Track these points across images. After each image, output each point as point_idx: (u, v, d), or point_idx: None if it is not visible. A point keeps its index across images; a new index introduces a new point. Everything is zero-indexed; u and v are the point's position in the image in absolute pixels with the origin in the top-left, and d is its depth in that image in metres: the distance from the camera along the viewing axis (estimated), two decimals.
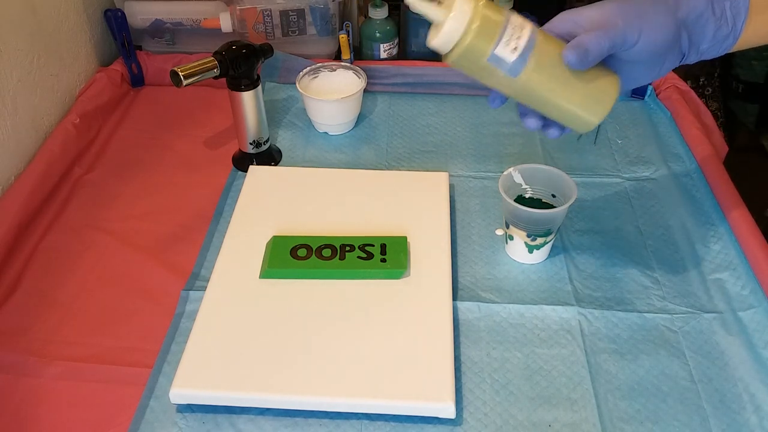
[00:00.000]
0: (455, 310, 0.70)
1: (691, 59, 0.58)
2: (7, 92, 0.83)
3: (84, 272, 0.75)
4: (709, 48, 0.57)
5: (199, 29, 1.06)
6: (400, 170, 0.89)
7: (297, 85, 0.93)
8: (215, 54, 0.79)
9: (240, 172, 0.88)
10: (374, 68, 1.03)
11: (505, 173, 0.73)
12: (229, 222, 0.77)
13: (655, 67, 0.57)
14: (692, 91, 1.01)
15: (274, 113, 0.99)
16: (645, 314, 0.70)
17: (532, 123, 0.60)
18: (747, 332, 0.68)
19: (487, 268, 0.75)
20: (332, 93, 0.94)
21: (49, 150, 0.87)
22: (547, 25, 0.57)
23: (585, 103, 0.57)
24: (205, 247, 0.77)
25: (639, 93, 1.02)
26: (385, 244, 0.72)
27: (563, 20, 0.56)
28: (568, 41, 0.54)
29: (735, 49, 0.58)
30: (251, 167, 0.85)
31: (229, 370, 0.61)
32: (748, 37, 0.57)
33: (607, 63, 0.56)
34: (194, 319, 0.66)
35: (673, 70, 1.01)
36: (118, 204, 0.84)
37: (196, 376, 0.61)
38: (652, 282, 0.73)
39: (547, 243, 0.74)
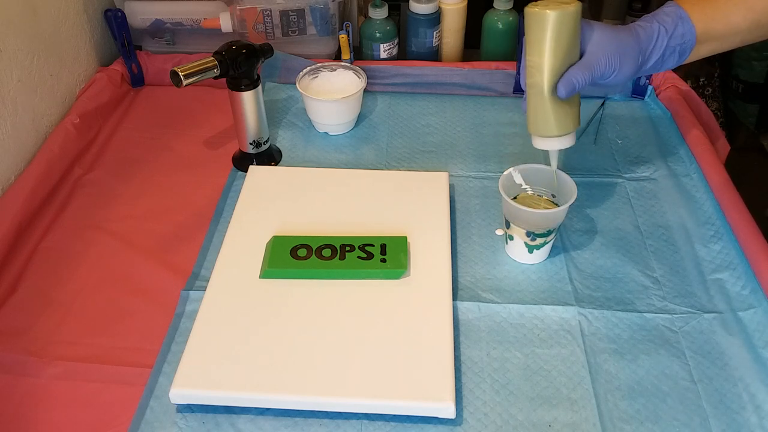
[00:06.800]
0: (455, 310, 0.70)
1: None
2: (7, 92, 0.83)
3: (84, 272, 0.75)
4: (651, 68, 0.69)
5: (199, 29, 1.06)
6: (400, 170, 0.89)
7: (297, 85, 0.93)
8: (215, 54, 0.79)
9: (240, 172, 0.88)
10: (374, 68, 1.03)
11: (505, 173, 0.74)
12: (229, 222, 0.77)
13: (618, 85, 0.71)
14: (692, 91, 1.01)
15: (274, 113, 0.99)
16: (645, 314, 0.70)
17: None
18: (747, 332, 0.68)
19: (487, 268, 0.75)
20: (332, 93, 0.94)
21: (49, 150, 0.87)
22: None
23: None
24: (205, 247, 0.77)
25: (639, 93, 1.02)
26: (385, 244, 0.72)
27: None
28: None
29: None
30: (251, 167, 0.85)
31: (229, 370, 0.61)
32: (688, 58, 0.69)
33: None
34: (194, 319, 0.66)
35: (673, 70, 1.02)
36: (118, 204, 0.84)
37: (196, 376, 0.61)
38: (652, 282, 0.73)
39: (547, 243, 0.74)
